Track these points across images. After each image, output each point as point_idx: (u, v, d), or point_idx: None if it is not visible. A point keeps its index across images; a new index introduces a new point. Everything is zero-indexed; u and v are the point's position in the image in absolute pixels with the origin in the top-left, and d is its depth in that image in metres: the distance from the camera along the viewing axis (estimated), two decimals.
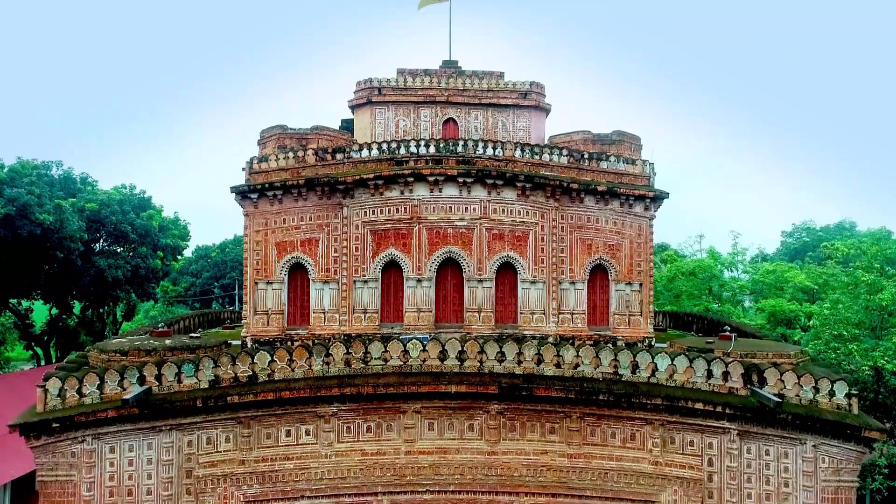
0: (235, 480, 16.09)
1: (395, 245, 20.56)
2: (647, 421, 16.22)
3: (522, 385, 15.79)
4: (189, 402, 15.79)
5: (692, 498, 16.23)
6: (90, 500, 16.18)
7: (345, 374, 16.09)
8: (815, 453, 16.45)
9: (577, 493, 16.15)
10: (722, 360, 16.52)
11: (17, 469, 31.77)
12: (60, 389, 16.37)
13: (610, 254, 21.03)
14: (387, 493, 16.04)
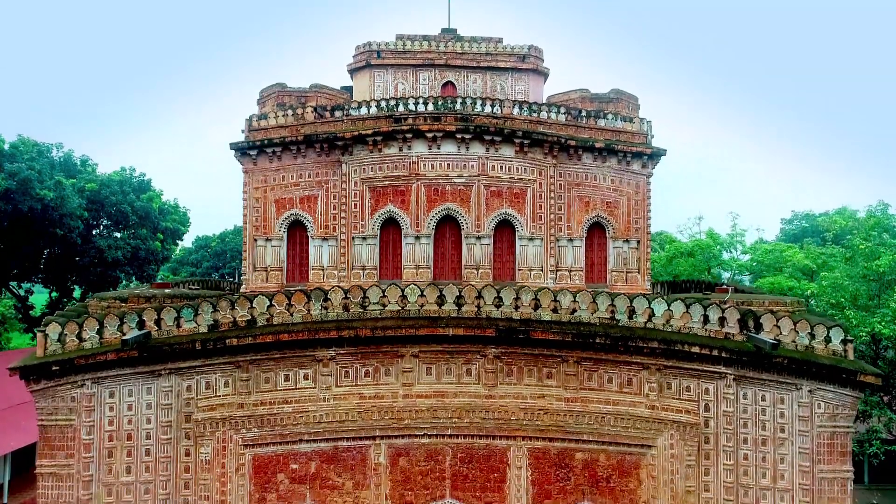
0: (234, 424, 16.18)
1: (394, 202, 20.65)
2: (644, 366, 16.30)
3: (520, 329, 15.88)
4: (188, 344, 15.90)
5: (689, 442, 16.32)
6: (90, 444, 16.28)
7: (343, 318, 16.19)
8: (811, 398, 16.55)
9: (573, 438, 16.23)
10: (718, 305, 16.61)
11: (17, 441, 31.90)
12: (60, 334, 16.48)
13: (608, 211, 21.11)
14: (384, 437, 16.13)
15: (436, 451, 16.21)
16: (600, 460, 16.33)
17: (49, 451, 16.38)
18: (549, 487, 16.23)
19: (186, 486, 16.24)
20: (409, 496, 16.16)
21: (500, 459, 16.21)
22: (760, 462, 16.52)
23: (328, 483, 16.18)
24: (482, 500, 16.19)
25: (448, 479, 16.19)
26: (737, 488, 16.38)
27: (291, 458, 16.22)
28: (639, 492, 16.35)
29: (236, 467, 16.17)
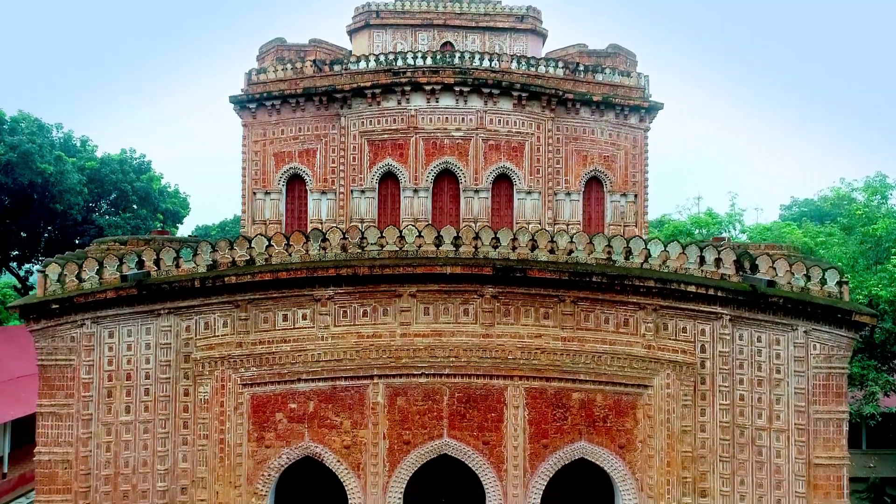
0: (233, 363, 16.27)
1: (393, 156, 20.76)
2: (640, 306, 16.38)
3: (517, 267, 15.96)
4: (187, 282, 15.99)
5: (685, 382, 16.41)
6: (89, 383, 16.38)
7: (341, 259, 16.26)
8: (807, 339, 16.64)
9: (570, 377, 16.31)
10: (715, 246, 16.71)
11: (17, 411, 32.05)
12: (60, 275, 16.57)
13: (605, 165, 21.23)
14: (382, 377, 16.21)
15: (433, 390, 16.29)
16: (597, 400, 16.41)
17: (48, 391, 16.48)
18: (546, 427, 16.32)
19: (185, 425, 16.34)
20: (407, 435, 16.24)
21: (498, 399, 16.29)
22: (756, 402, 16.62)
23: (326, 422, 16.27)
24: (479, 439, 16.27)
25: (446, 418, 16.27)
26: (733, 428, 16.47)
27: (290, 397, 16.31)
28: (635, 431, 16.43)
29: (235, 406, 16.26)
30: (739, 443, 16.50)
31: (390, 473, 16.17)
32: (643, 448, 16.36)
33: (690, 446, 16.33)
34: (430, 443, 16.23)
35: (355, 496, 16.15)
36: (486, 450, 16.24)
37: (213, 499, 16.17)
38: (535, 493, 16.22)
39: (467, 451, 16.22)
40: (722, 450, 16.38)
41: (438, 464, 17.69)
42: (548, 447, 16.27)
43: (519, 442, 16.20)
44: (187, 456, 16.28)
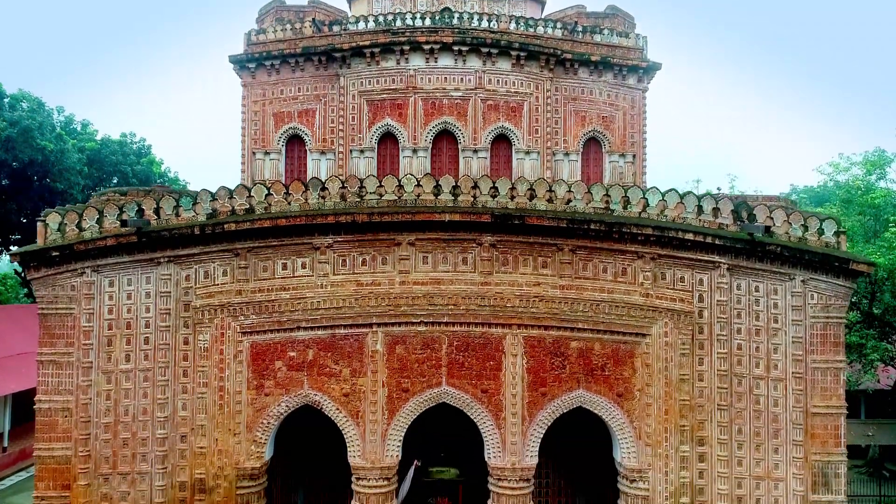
0: (232, 311, 16.32)
1: (392, 116, 20.82)
2: (638, 254, 16.43)
3: (515, 214, 16.01)
4: (186, 230, 16.04)
5: (683, 331, 16.46)
6: (89, 331, 16.44)
7: (340, 207, 16.29)
8: (804, 289, 16.71)
9: (568, 326, 16.35)
10: (713, 196, 16.76)
11: (17, 385, 32.20)
12: (60, 224, 16.64)
13: (603, 125, 21.29)
14: (381, 325, 16.25)
15: (432, 339, 16.33)
16: (595, 349, 16.46)
17: (49, 340, 16.54)
18: (544, 375, 16.36)
19: (185, 373, 16.40)
20: (406, 383, 16.29)
21: (496, 347, 16.33)
22: (754, 352, 16.68)
23: (325, 370, 16.32)
24: (478, 387, 16.32)
25: (444, 366, 16.31)
26: (730, 377, 16.53)
27: (289, 345, 16.36)
28: (633, 380, 16.48)
29: (234, 354, 16.32)
30: (737, 392, 16.56)
31: (389, 421, 16.22)
32: (641, 396, 16.41)
33: (688, 395, 16.38)
34: (429, 391, 16.27)
35: (354, 444, 16.19)
36: (484, 398, 16.28)
37: (213, 446, 16.22)
38: (533, 440, 16.27)
39: (466, 398, 16.26)
40: (720, 398, 16.44)
41: (438, 415, 17.80)
42: (546, 395, 16.32)
43: (517, 390, 16.24)
44: (187, 404, 16.34)
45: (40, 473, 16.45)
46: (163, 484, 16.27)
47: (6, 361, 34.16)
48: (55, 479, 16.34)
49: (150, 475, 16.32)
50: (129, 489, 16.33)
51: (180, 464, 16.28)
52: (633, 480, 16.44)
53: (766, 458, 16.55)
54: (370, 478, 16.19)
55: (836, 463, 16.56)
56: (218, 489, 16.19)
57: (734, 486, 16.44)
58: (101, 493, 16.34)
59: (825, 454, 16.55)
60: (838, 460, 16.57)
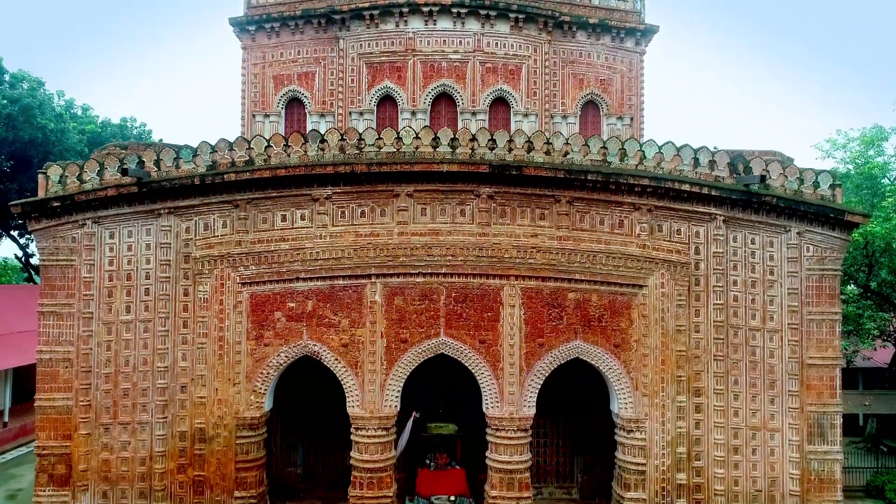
0: (232, 262, 16.44)
1: (391, 78, 20.94)
2: (635, 206, 16.54)
3: (513, 164, 16.11)
4: (187, 180, 16.16)
5: (679, 282, 16.58)
6: (90, 282, 16.57)
7: (339, 159, 16.40)
8: (800, 241, 16.84)
9: (566, 277, 16.45)
10: (708, 149, 16.86)
11: (17, 360, 32.32)
12: (61, 176, 16.77)
13: (601, 88, 21.40)
14: (380, 276, 16.34)
15: (430, 290, 16.43)
16: (592, 300, 16.57)
17: (50, 291, 16.67)
18: (541, 326, 16.47)
19: (185, 324, 16.52)
20: (405, 334, 16.39)
21: (494, 299, 16.43)
22: (750, 304, 16.80)
23: (324, 321, 16.43)
24: (476, 338, 16.42)
25: (442, 317, 16.42)
26: (727, 328, 16.66)
27: (288, 296, 16.48)
28: (630, 331, 16.60)
29: (234, 305, 16.43)
30: (733, 343, 16.68)
31: (388, 371, 16.32)
32: (638, 347, 16.53)
33: (685, 346, 16.50)
34: (427, 341, 16.37)
35: (353, 394, 16.30)
36: (482, 348, 16.40)
37: (213, 396, 16.34)
38: (530, 391, 16.37)
39: (464, 349, 16.37)
40: (716, 349, 16.56)
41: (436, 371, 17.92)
42: (543, 346, 16.42)
43: (515, 341, 16.34)
44: (187, 354, 16.46)
45: (41, 423, 16.58)
46: (163, 433, 16.40)
47: (7, 339, 34.28)
48: (56, 429, 16.47)
49: (150, 425, 16.45)
50: (130, 439, 16.46)
51: (180, 413, 16.40)
52: (630, 431, 16.55)
53: (762, 408, 16.68)
54: (369, 427, 16.30)
55: (831, 413, 16.69)
56: (218, 438, 16.31)
57: (730, 437, 16.57)
58: (102, 443, 16.47)
59: (821, 405, 16.68)
60: (834, 411, 16.70)
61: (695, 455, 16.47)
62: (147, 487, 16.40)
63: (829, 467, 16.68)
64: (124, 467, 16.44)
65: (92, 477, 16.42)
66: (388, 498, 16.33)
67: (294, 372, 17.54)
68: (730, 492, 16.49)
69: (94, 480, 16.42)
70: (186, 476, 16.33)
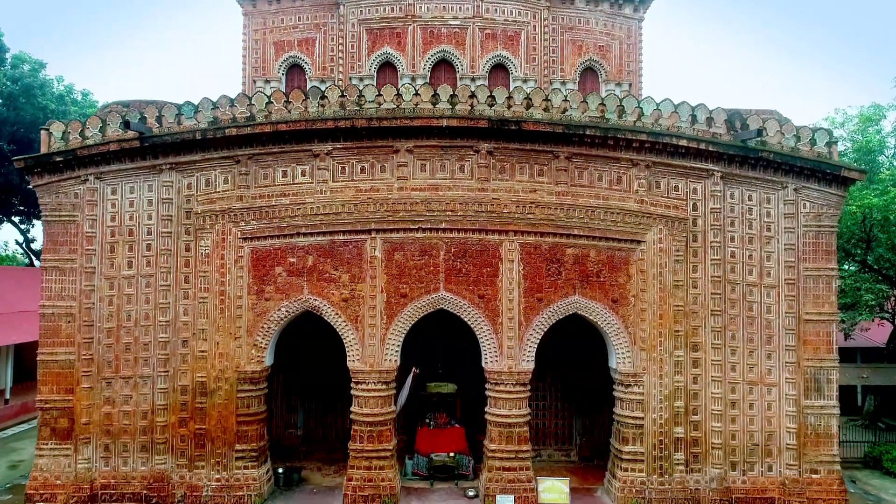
0: (233, 217, 16.56)
1: (390, 44, 21.07)
2: (633, 162, 16.66)
3: (512, 119, 16.23)
4: (188, 135, 16.28)
5: (677, 237, 16.70)
6: (92, 237, 16.70)
7: (339, 115, 16.51)
8: (797, 197, 16.97)
9: (564, 233, 16.56)
10: (706, 107, 16.98)
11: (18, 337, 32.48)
12: (64, 133, 16.91)
13: (600, 55, 21.53)
14: (380, 231, 16.45)
15: (430, 245, 16.54)
16: (590, 255, 16.68)
17: (52, 247, 16.80)
18: (540, 281, 16.58)
19: (186, 279, 16.64)
20: (404, 289, 16.50)
21: (493, 254, 16.54)
22: (747, 259, 16.93)
23: (325, 276, 16.54)
24: (475, 293, 16.53)
25: (442, 272, 16.52)
26: (724, 284, 16.77)
27: (289, 251, 16.59)
28: (628, 286, 16.71)
29: (235, 260, 16.55)
30: (731, 298, 16.80)
31: (388, 326, 16.43)
32: (636, 302, 16.65)
33: (682, 301, 16.62)
34: (427, 296, 16.48)
35: (353, 348, 16.41)
36: (481, 303, 16.50)
37: (214, 350, 16.46)
38: (529, 345, 16.48)
39: (463, 304, 16.47)
40: (713, 304, 16.68)
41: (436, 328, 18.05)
42: (542, 300, 16.54)
43: (514, 296, 16.45)
44: (188, 309, 16.57)
45: (44, 378, 16.72)
46: (165, 387, 16.52)
47: (9, 317, 34.46)
48: (58, 384, 16.60)
49: (151, 379, 16.57)
50: (132, 392, 16.57)
51: (182, 367, 16.52)
52: (628, 385, 16.67)
53: (759, 363, 16.81)
54: (369, 381, 16.41)
55: (828, 368, 16.81)
56: (219, 391, 16.43)
57: (727, 391, 16.69)
58: (104, 397, 16.59)
59: (817, 360, 16.80)
60: (830, 366, 16.82)
61: (692, 409, 16.58)
62: (149, 441, 16.52)
63: (826, 422, 16.80)
64: (126, 421, 16.55)
65: (94, 430, 16.54)
66: (388, 451, 16.45)
67: (295, 336, 17.69)
68: (727, 445, 16.62)
69: (96, 434, 16.54)
70: (188, 429, 16.45)
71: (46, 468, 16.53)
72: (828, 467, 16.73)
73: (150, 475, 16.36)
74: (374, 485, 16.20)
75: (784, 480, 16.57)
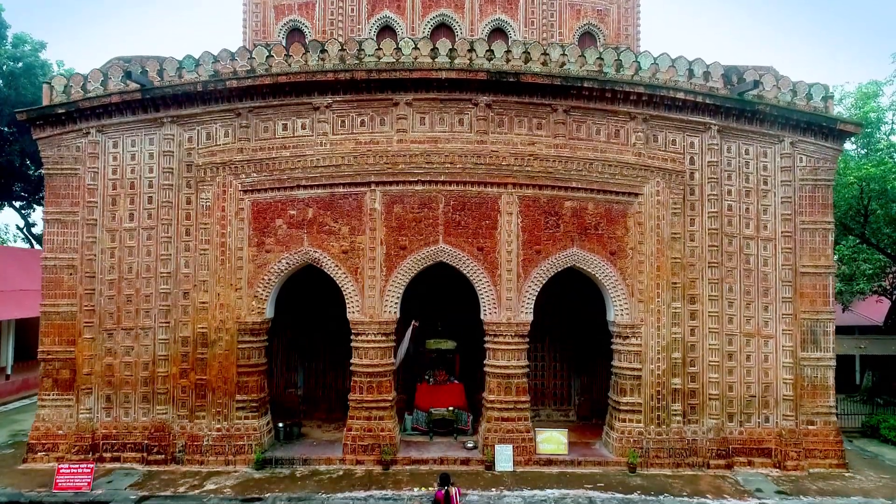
0: (234, 169, 16.67)
1: (390, 8, 21.21)
2: (631, 116, 16.77)
3: (510, 72, 16.35)
4: (190, 86, 16.40)
5: (674, 190, 16.82)
6: (94, 189, 16.83)
7: (339, 68, 16.62)
8: (793, 151, 17.10)
9: (562, 185, 16.67)
10: (703, 61, 17.09)
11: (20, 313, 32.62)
12: (66, 86, 17.02)
13: (598, 19, 21.65)
14: (379, 184, 16.56)
15: (429, 198, 16.64)
16: (589, 208, 16.79)
17: (54, 199, 16.93)
18: (539, 234, 16.69)
19: (187, 231, 16.75)
20: (404, 241, 16.61)
21: (492, 207, 16.65)
22: (744, 212, 17.05)
23: (325, 228, 16.65)
24: (474, 245, 16.64)
25: (441, 225, 16.63)
26: (721, 237, 16.89)
27: (289, 204, 16.71)
28: (626, 239, 16.83)
29: (236, 212, 16.66)
30: (728, 251, 16.92)
31: (387, 278, 16.54)
32: (634, 255, 16.76)
33: (680, 253, 16.74)
34: (426, 248, 16.58)
35: (353, 300, 16.51)
36: (480, 255, 16.62)
37: (215, 301, 16.57)
38: (528, 297, 16.59)
39: (462, 256, 16.58)
40: (711, 257, 16.80)
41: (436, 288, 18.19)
42: (540, 253, 16.65)
43: (513, 248, 16.57)
44: (189, 261, 16.69)
45: (46, 329, 16.83)
46: (166, 338, 16.63)
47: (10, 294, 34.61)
48: (60, 335, 16.72)
49: (153, 330, 16.68)
50: (133, 343, 16.69)
51: (183, 319, 16.63)
52: (626, 337, 16.78)
53: (756, 315, 16.93)
54: (369, 332, 16.52)
55: (824, 321, 16.94)
56: (220, 342, 16.54)
57: (725, 343, 16.81)
58: (106, 348, 16.71)
59: (814, 312, 16.93)
60: (827, 318, 16.95)
61: (690, 361, 16.70)
62: (150, 391, 16.63)
63: (823, 373, 16.92)
64: (127, 372, 16.67)
65: (96, 381, 16.66)
66: (388, 402, 16.56)
67: (296, 297, 17.77)
68: (724, 397, 16.74)
69: (98, 385, 16.66)
70: (189, 380, 16.57)
71: (48, 419, 16.66)
72: (824, 419, 16.85)
73: (152, 425, 16.48)
74: (374, 434, 16.31)
75: (781, 431, 16.69)
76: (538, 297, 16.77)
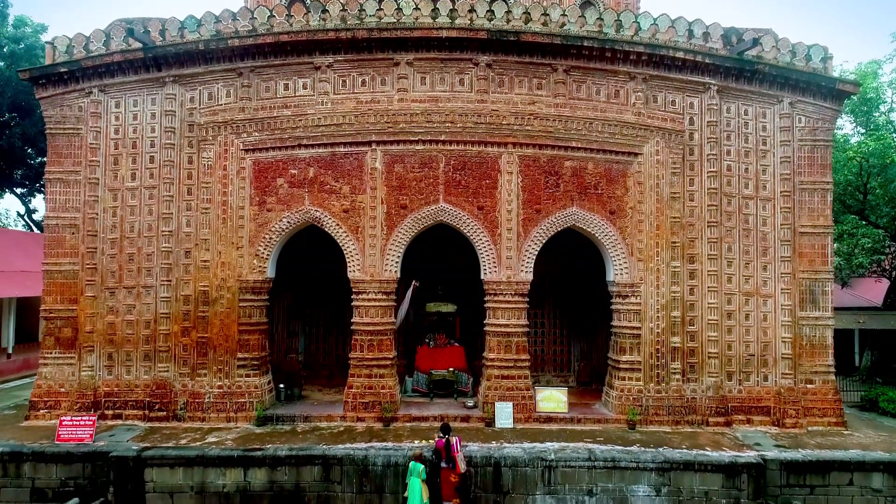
0: (235, 128, 16.75)
1: None
2: (631, 76, 16.85)
3: (510, 31, 16.43)
4: (192, 45, 16.47)
5: (674, 150, 16.89)
6: (96, 149, 16.90)
7: (340, 27, 16.69)
8: (792, 111, 17.18)
9: (562, 145, 16.75)
10: (703, 22, 17.17)
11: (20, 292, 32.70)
12: (68, 46, 17.08)
13: None
14: (380, 143, 16.63)
15: (430, 157, 16.72)
16: (588, 168, 16.87)
17: (57, 159, 17.00)
18: (538, 193, 16.77)
19: (189, 191, 16.82)
20: (404, 200, 16.68)
21: (492, 166, 16.73)
22: (743, 172, 17.13)
23: (326, 187, 16.73)
24: (474, 204, 16.71)
25: (441, 184, 16.70)
26: (720, 196, 16.96)
27: (291, 163, 16.78)
28: (626, 198, 16.90)
29: (237, 171, 16.74)
30: (727, 211, 17.00)
31: (388, 237, 16.61)
32: (633, 214, 16.84)
33: (679, 213, 16.82)
34: (427, 207, 16.65)
35: (354, 259, 16.58)
36: (480, 215, 16.69)
37: (216, 259, 16.65)
38: (528, 256, 16.66)
39: (462, 216, 16.65)
40: (710, 216, 16.87)
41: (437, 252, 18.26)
42: (540, 212, 16.72)
43: (513, 207, 16.64)
44: (191, 220, 16.76)
45: (48, 288, 16.91)
46: (167, 296, 16.70)
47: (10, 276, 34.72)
48: (62, 293, 16.80)
49: (154, 288, 16.76)
50: (135, 302, 16.76)
51: (184, 277, 16.70)
52: (626, 296, 16.85)
53: (755, 275, 17.00)
54: (370, 291, 16.60)
55: (822, 280, 17.01)
56: (221, 300, 16.61)
57: (724, 302, 16.88)
58: (108, 307, 16.78)
59: (812, 272, 17.00)
60: (825, 278, 17.02)
61: (689, 319, 16.77)
62: (151, 349, 16.71)
63: (821, 333, 17.00)
64: (129, 330, 16.74)
65: (97, 339, 16.74)
66: (388, 360, 16.63)
67: (297, 261, 17.83)
68: (723, 355, 16.81)
69: (100, 343, 16.73)
70: (190, 338, 16.64)
71: (50, 376, 16.74)
72: (822, 377, 16.92)
73: (153, 383, 16.55)
74: (375, 392, 16.39)
75: (779, 390, 16.76)
76: (538, 264, 16.85)
